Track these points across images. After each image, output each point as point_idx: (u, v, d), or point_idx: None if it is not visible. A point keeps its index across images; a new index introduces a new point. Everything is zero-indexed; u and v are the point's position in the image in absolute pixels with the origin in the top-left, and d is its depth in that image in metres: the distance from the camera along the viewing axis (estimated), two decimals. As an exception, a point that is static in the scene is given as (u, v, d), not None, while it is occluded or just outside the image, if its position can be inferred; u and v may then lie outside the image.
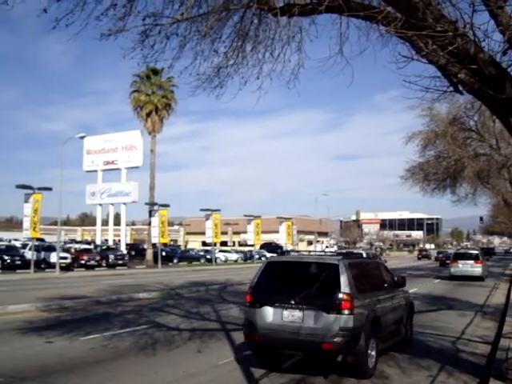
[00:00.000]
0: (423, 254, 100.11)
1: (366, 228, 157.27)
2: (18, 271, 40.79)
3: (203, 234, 67.98)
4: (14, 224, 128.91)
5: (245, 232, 74.26)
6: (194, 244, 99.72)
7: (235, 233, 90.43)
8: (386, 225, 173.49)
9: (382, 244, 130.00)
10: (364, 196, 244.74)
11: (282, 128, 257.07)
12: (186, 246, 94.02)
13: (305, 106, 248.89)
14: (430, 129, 33.81)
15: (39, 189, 42.53)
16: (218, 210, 64.44)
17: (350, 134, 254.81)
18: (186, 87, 9.81)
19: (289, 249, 73.05)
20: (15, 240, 60.98)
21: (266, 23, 9.51)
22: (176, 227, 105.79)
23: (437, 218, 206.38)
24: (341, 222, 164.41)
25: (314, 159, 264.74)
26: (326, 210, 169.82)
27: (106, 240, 66.27)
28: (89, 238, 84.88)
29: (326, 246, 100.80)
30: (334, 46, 8.76)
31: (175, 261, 61.27)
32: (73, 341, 12.61)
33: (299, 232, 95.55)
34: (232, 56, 9.70)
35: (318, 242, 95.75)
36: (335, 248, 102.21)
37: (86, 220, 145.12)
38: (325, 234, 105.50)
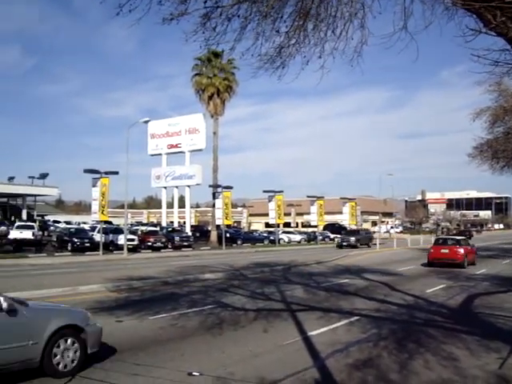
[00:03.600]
0: None
1: (431, 208, 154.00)
2: (87, 253, 42.06)
3: (266, 215, 68.22)
4: (82, 208, 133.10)
5: (308, 213, 74.01)
6: (257, 225, 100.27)
7: (298, 214, 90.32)
8: (452, 204, 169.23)
9: (448, 224, 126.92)
10: (430, 175, 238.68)
11: (344, 107, 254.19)
12: (249, 228, 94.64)
13: (368, 84, 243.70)
14: (498, 104, 32.66)
15: (106, 173, 43.64)
16: (281, 192, 64.45)
17: (415, 112, 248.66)
18: (247, 69, 9.80)
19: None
20: (84, 223, 62.94)
21: (328, 0, 9.34)
22: (239, 209, 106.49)
23: (506, 197, 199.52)
24: (406, 202, 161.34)
25: (377, 138, 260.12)
26: (391, 189, 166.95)
27: (171, 222, 67.47)
28: (154, 221, 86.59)
29: (391, 227, 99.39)
30: (397, 22, 8.53)
31: (239, 242, 61.73)
32: (142, 320, 12.95)
33: (363, 213, 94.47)
34: (293, 35, 9.59)
35: (382, 222, 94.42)
36: (400, 228, 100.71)
37: (152, 203, 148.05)
38: (389, 215, 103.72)
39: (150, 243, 48.87)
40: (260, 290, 19.18)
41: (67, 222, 65.43)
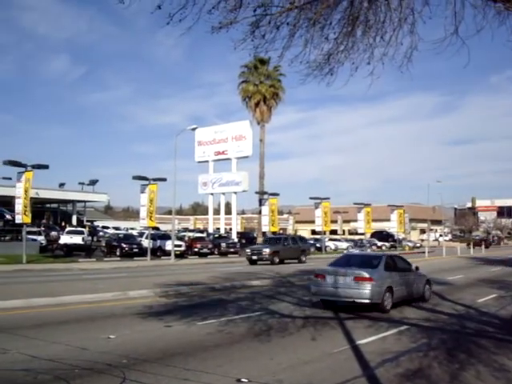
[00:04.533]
0: None
1: (482, 216, 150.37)
2: (135, 258, 42.75)
3: (312, 222, 67.91)
4: (130, 213, 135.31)
5: (355, 220, 73.36)
6: (303, 232, 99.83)
7: (345, 221, 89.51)
8: (503, 212, 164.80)
9: (499, 232, 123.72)
10: (480, 182, 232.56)
11: (392, 113, 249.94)
12: (295, 235, 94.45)
13: (416, 90, 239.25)
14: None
15: (154, 179, 44.31)
16: (328, 199, 64.08)
17: (465, 118, 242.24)
18: (294, 75, 9.83)
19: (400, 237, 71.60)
20: (132, 229, 63.93)
21: (377, 6, 9.28)
22: (285, 216, 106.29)
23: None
24: (455, 209, 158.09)
25: (426, 144, 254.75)
26: (439, 197, 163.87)
27: (218, 228, 67.86)
28: (201, 227, 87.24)
29: (440, 235, 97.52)
30: (448, 27, 8.44)
31: (285, 249, 61.58)
32: (190, 325, 13.06)
33: (411, 220, 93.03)
34: (342, 42, 9.57)
35: (431, 230, 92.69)
36: (449, 237, 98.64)
37: (198, 209, 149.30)
38: (438, 222, 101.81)
39: (196, 249, 49.33)
40: (307, 297, 19.06)
41: (116, 228, 66.60)
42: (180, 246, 47.34)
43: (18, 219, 37.91)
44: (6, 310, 15.06)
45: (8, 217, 44.85)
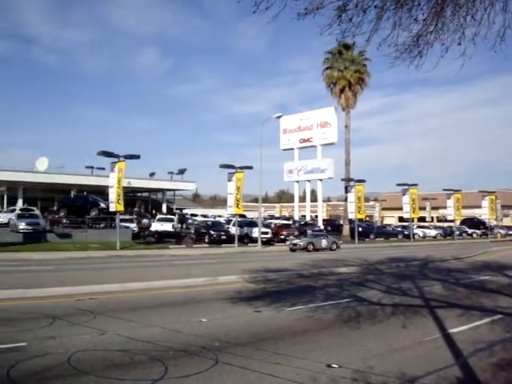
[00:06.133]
0: None
1: None
2: (223, 245, 43.56)
3: (400, 209, 66.75)
4: (217, 201, 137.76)
5: (444, 207, 71.37)
6: (390, 220, 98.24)
7: (433, 208, 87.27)
8: None
9: None
10: None
11: (482, 95, 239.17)
12: (381, 222, 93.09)
13: (509, 70, 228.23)
14: None
15: (241, 168, 44.86)
16: (415, 185, 62.67)
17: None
18: (379, 60, 9.72)
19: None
20: (219, 216, 65.12)
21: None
22: (371, 203, 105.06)
23: None
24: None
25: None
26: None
27: (303, 216, 67.97)
28: (286, 214, 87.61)
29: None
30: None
31: (371, 237, 60.95)
32: (279, 311, 13.21)
33: (503, 207, 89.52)
34: (431, 22, 9.30)
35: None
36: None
37: (283, 197, 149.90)
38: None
39: (283, 236, 49.58)
40: (396, 285, 18.83)
41: (204, 216, 68.03)
42: (266, 233, 47.79)
43: (112, 207, 39.50)
44: (103, 294, 15.78)
45: (102, 205, 46.75)
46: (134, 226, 46.67)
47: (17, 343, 9.14)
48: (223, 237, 45.64)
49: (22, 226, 40.04)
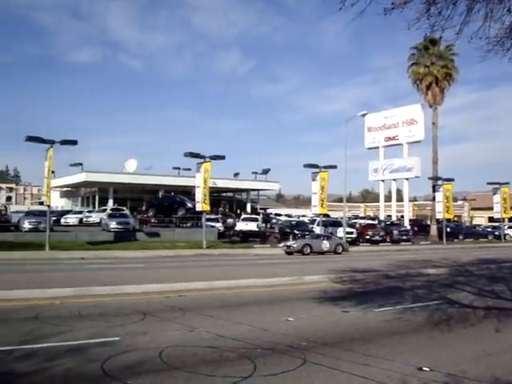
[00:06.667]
0: None
1: None
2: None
3: (490, 209, 64.29)
4: (300, 201, 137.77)
5: (539, 206, 68.06)
6: (480, 220, 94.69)
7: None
8: None
9: None
10: None
11: None
12: (471, 222, 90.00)
13: None
14: None
15: (325, 167, 44.58)
16: (507, 183, 60.05)
17: None
18: (467, 55, 9.37)
19: None
20: (303, 216, 64.97)
21: None
22: (460, 202, 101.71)
23: None
24: None
25: None
26: None
27: (389, 216, 66.72)
28: (371, 214, 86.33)
29: None
30: None
31: (460, 237, 59.02)
32: (367, 312, 13.02)
33: None
34: (525, 13, 8.90)
35: None
36: None
37: (368, 196, 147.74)
38: None
39: (368, 236, 48.93)
40: (488, 287, 18.12)
41: (288, 215, 68.06)
42: (351, 233, 47.32)
43: (198, 207, 40.29)
44: (191, 291, 16.12)
45: (189, 205, 47.80)
46: (219, 225, 47.37)
47: (110, 338, 9.50)
48: (307, 236, 45.48)
49: (113, 225, 41.51)
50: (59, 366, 7.68)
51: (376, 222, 59.12)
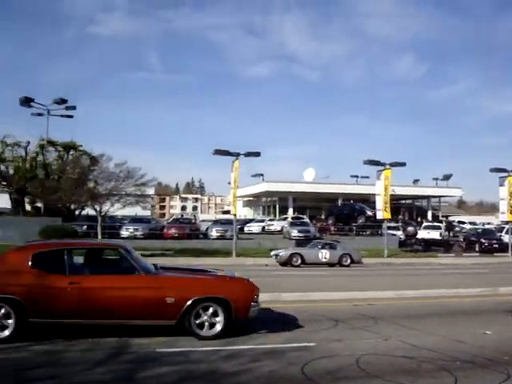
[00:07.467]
0: None
1: None
2: (495, 254, 41.17)
3: None
4: (483, 208, 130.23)
5: None
6: None
7: None
8: None
9: None
10: None
11: None
12: None
13: None
14: None
15: (516, 171, 42.06)
16: None
17: None
18: None
19: None
20: (488, 224, 61.62)
21: None
22: None
23: None
24: None
25: None
26: None
27: None
28: None
29: None
30: None
31: None
32: None
33: None
34: None
35: None
36: None
37: None
38: None
39: None
40: None
41: (471, 223, 64.90)
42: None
43: (379, 215, 40.00)
44: (379, 300, 16.08)
45: (369, 213, 47.59)
46: (400, 233, 46.60)
47: (307, 343, 9.81)
48: (495, 245, 43.13)
49: (295, 233, 42.60)
50: (262, 367, 8.10)
51: None
